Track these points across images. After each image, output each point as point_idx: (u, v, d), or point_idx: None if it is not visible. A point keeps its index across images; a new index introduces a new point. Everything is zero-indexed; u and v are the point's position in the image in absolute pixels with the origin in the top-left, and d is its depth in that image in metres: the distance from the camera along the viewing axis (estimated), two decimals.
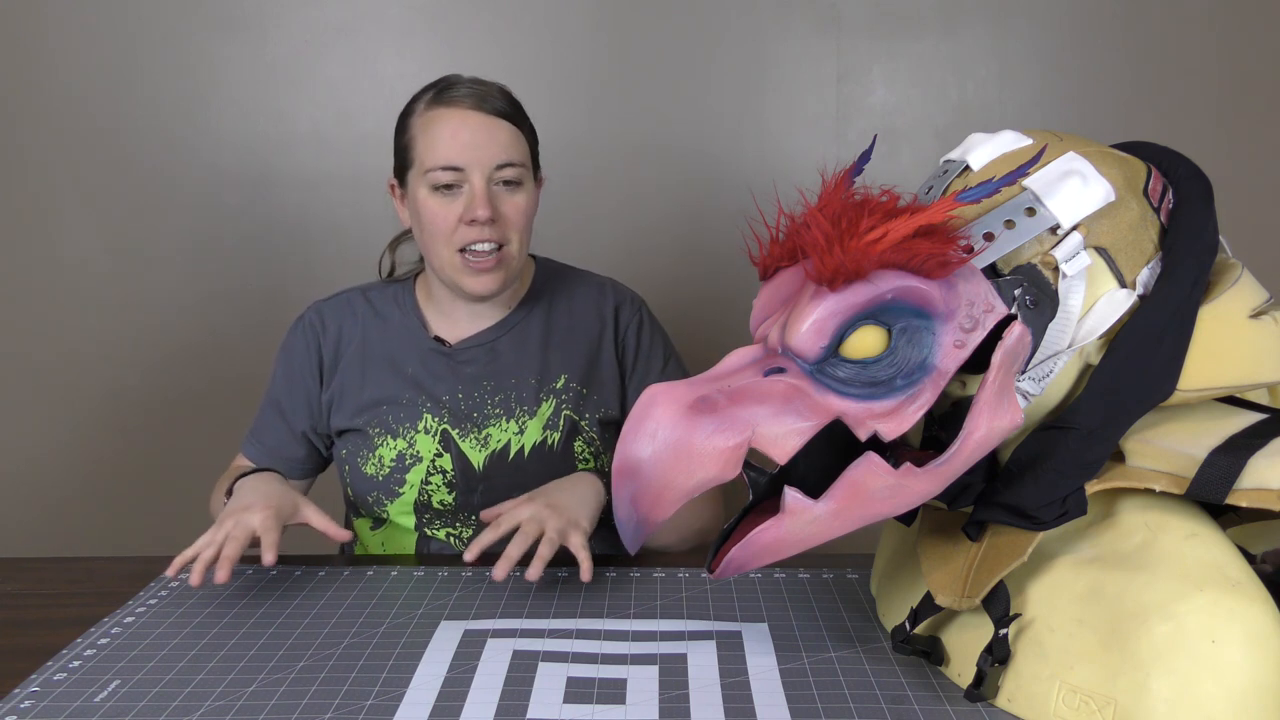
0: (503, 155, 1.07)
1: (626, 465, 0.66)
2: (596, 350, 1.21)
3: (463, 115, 1.07)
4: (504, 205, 1.08)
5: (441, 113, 1.07)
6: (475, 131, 1.06)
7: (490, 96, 1.09)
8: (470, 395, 1.16)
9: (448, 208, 1.07)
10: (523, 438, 1.16)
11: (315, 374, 1.20)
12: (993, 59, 1.73)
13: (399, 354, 1.18)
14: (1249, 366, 0.70)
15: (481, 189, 1.06)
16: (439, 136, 1.06)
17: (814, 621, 0.87)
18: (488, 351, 1.18)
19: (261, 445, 1.22)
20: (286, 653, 0.82)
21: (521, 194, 1.10)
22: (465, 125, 1.06)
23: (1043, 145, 0.72)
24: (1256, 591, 0.65)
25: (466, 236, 1.07)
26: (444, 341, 1.18)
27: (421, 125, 1.08)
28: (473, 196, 1.06)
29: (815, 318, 0.64)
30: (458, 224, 1.07)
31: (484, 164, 1.06)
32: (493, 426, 1.16)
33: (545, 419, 1.17)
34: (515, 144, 1.09)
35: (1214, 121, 1.72)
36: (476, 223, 1.06)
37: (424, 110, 1.09)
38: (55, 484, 1.82)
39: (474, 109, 1.07)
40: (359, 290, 1.23)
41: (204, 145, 1.74)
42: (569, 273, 1.26)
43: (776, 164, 1.74)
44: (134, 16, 1.71)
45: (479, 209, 1.05)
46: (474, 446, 1.15)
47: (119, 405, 1.80)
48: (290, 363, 1.20)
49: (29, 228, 1.76)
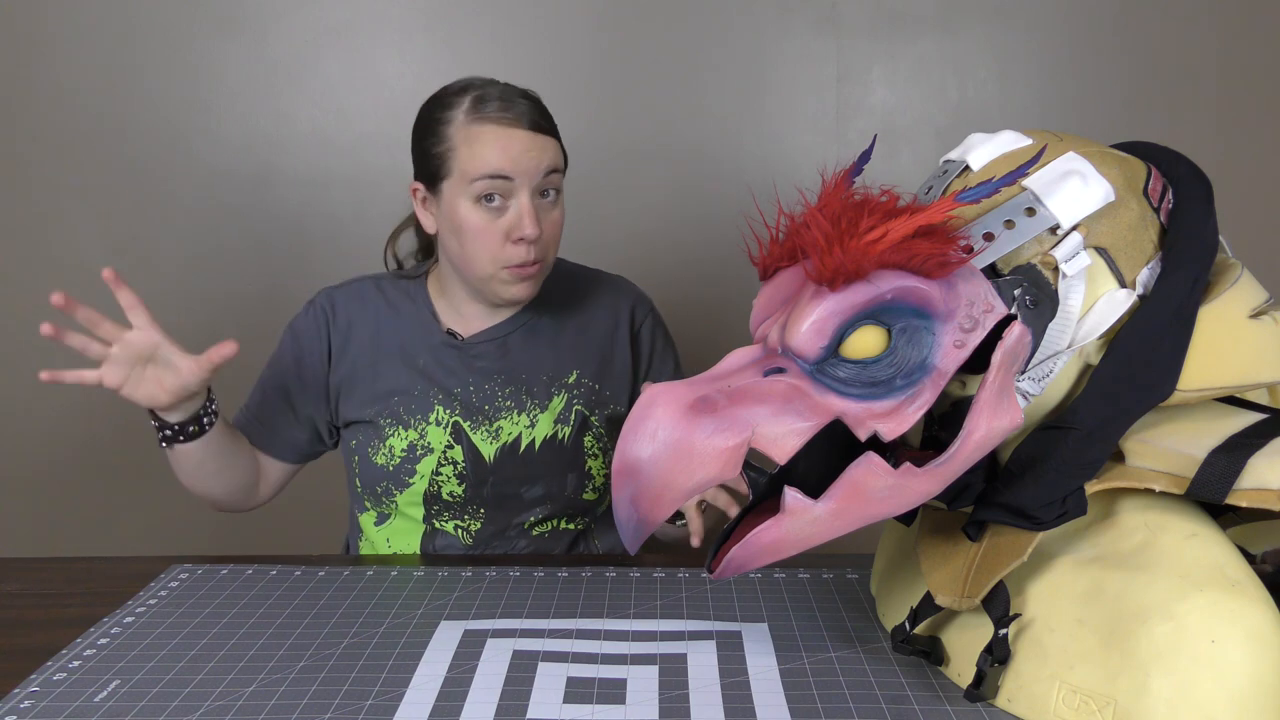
0: (546, 165, 1.09)
1: (626, 465, 0.66)
2: (610, 347, 1.22)
3: (509, 132, 1.07)
4: (544, 222, 1.09)
5: (487, 128, 1.07)
6: (527, 146, 1.07)
7: (530, 110, 1.09)
8: (481, 388, 1.17)
9: (493, 223, 1.07)
10: (534, 431, 1.17)
11: (324, 357, 1.19)
12: (993, 59, 1.73)
13: (411, 346, 1.18)
14: (1249, 366, 0.70)
15: (529, 205, 1.07)
16: (488, 148, 1.06)
17: (814, 621, 0.87)
18: (499, 346, 1.18)
19: (262, 425, 1.20)
20: (286, 653, 0.82)
21: (558, 209, 1.12)
22: (513, 139, 1.07)
23: (1042, 145, 0.72)
24: (1256, 591, 0.65)
25: (513, 255, 1.08)
26: (456, 335, 1.19)
27: (463, 137, 1.07)
28: (520, 214, 1.07)
29: (815, 318, 0.65)
30: (504, 241, 1.08)
31: (531, 175, 1.07)
32: (504, 419, 1.17)
33: (556, 413, 1.18)
34: (555, 154, 1.11)
35: (1214, 121, 1.72)
36: (525, 241, 1.07)
37: (466, 122, 1.08)
38: (55, 484, 1.82)
39: (517, 126, 1.07)
40: (371, 280, 1.23)
41: (204, 145, 1.74)
42: (580, 271, 1.27)
43: (776, 164, 1.74)
44: (134, 16, 1.71)
45: (528, 227, 1.06)
46: (485, 439, 1.16)
47: (119, 405, 1.78)
48: (299, 344, 1.20)
49: (29, 227, 1.76)
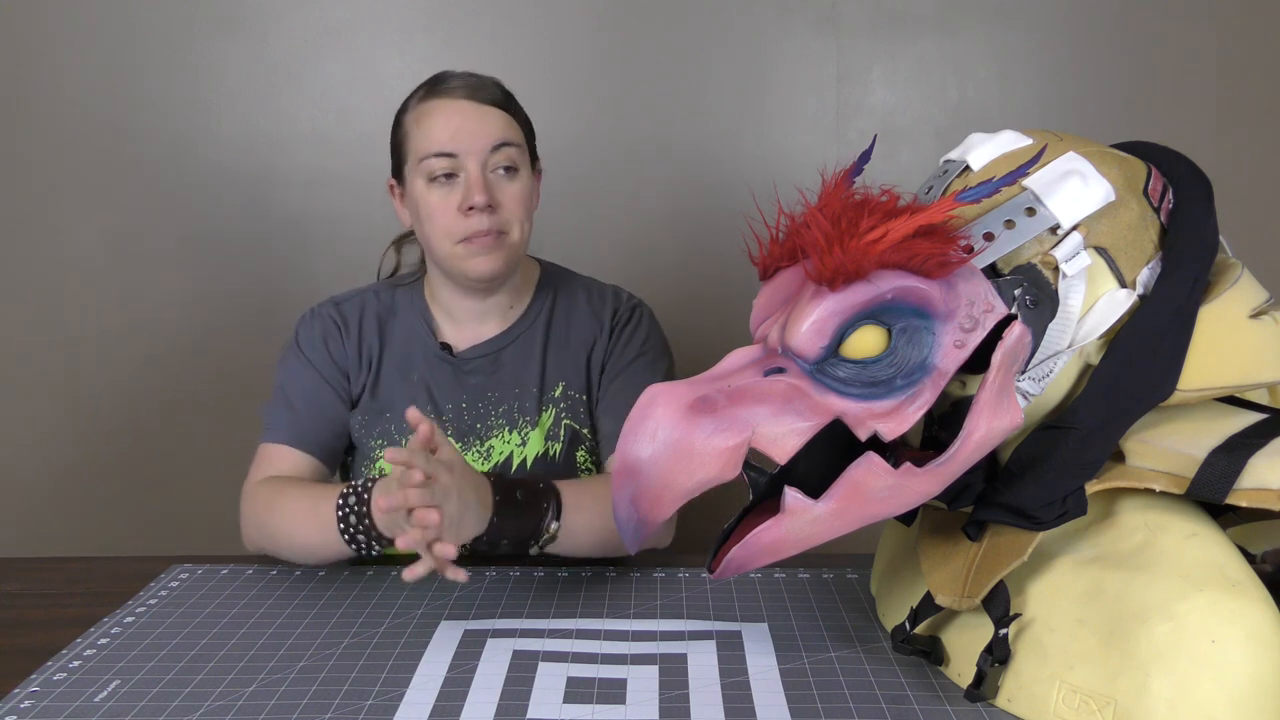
0: (496, 138, 1.06)
1: (626, 465, 0.66)
2: (592, 356, 1.19)
3: (455, 104, 1.06)
4: (502, 194, 1.07)
5: (434, 104, 1.07)
6: (468, 118, 1.06)
7: (483, 87, 1.09)
8: (475, 406, 1.15)
9: (446, 199, 1.06)
10: (525, 449, 1.14)
11: (348, 367, 1.15)
12: (993, 59, 1.73)
13: (407, 358, 1.16)
14: (1249, 366, 0.70)
15: (477, 175, 1.05)
16: (432, 125, 1.06)
17: (814, 621, 0.87)
18: (492, 361, 1.16)
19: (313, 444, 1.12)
20: (287, 653, 0.82)
21: (519, 181, 1.09)
22: (458, 112, 1.06)
23: (1043, 145, 0.72)
24: (1256, 591, 0.65)
25: (467, 227, 1.06)
26: (450, 349, 1.16)
27: (414, 118, 1.08)
28: (469, 184, 1.05)
29: (815, 318, 0.65)
30: (456, 214, 1.06)
31: (479, 149, 1.06)
32: (495, 438, 1.15)
33: (547, 429, 1.15)
34: (509, 128, 1.08)
35: (1214, 121, 1.72)
36: (475, 210, 1.05)
37: (416, 104, 1.09)
38: (55, 484, 1.82)
39: (466, 98, 1.07)
40: (372, 291, 1.20)
41: (204, 145, 1.74)
42: (573, 278, 1.24)
43: (776, 164, 1.74)
44: (134, 16, 1.70)
45: (475, 194, 1.04)
46: (476, 459, 1.14)
47: (119, 405, 1.80)
48: (317, 356, 1.14)
49: (29, 227, 1.75)
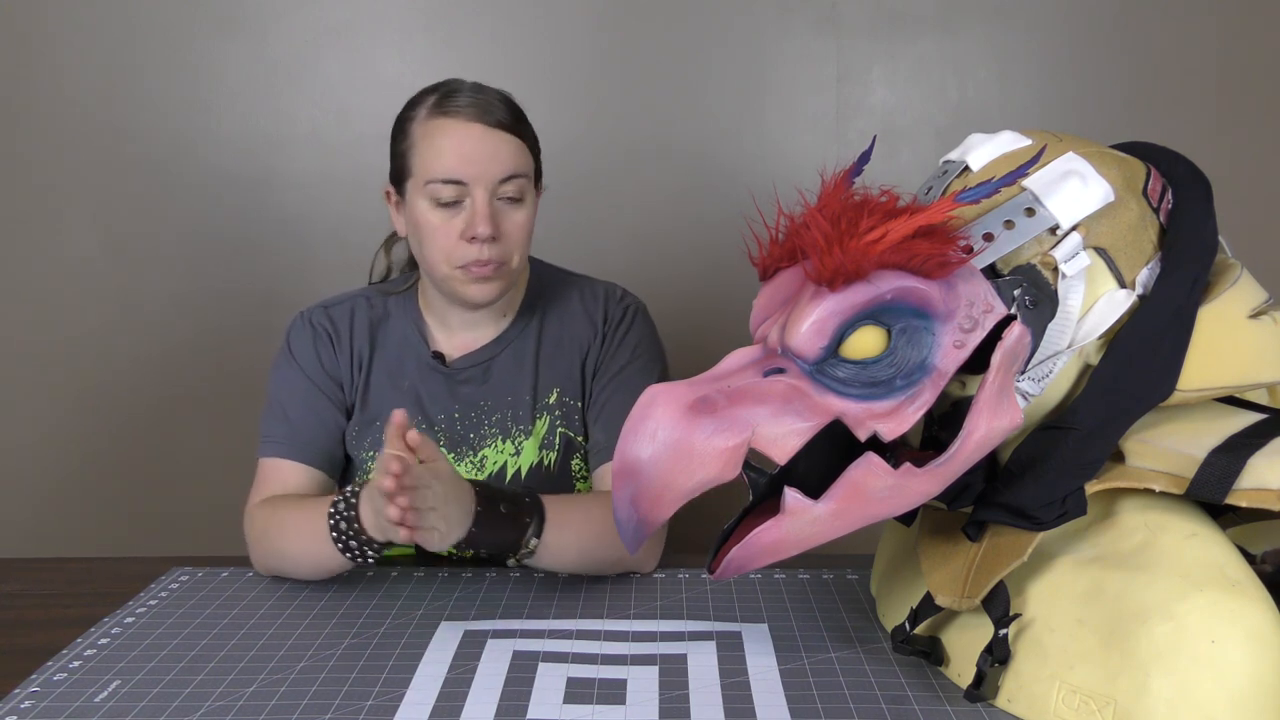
0: (506, 169, 1.04)
1: (626, 465, 0.66)
2: (586, 360, 1.16)
3: (465, 127, 1.03)
4: (506, 223, 1.05)
5: (443, 123, 1.03)
6: (478, 144, 1.03)
7: (493, 107, 1.05)
8: (467, 416, 1.13)
9: (449, 223, 1.03)
10: (519, 459, 1.13)
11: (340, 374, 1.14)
12: (993, 59, 1.73)
13: (398, 368, 1.14)
14: (1248, 366, 0.70)
15: (484, 205, 1.02)
16: (441, 149, 1.02)
17: (814, 621, 0.87)
18: (484, 370, 1.14)
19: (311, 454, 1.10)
20: (287, 653, 0.82)
21: (523, 210, 1.06)
22: (468, 137, 1.02)
23: (1042, 145, 0.72)
24: (1256, 591, 0.65)
25: (467, 254, 1.03)
26: (443, 359, 1.14)
27: (422, 133, 1.04)
28: (474, 213, 1.02)
29: (815, 318, 0.65)
30: (458, 240, 1.04)
31: (487, 179, 1.03)
32: (488, 448, 1.13)
33: (541, 437, 1.13)
34: (519, 156, 1.05)
35: (1214, 121, 1.72)
36: (477, 240, 1.03)
37: (425, 118, 1.05)
38: (54, 484, 1.82)
39: (477, 120, 1.03)
40: (363, 296, 1.18)
41: (204, 145, 1.74)
42: (566, 279, 1.21)
43: (776, 164, 1.74)
44: (134, 16, 1.70)
45: (480, 225, 1.02)
46: (470, 470, 1.12)
47: (119, 405, 1.80)
48: (309, 363, 1.13)
49: (29, 227, 1.75)
